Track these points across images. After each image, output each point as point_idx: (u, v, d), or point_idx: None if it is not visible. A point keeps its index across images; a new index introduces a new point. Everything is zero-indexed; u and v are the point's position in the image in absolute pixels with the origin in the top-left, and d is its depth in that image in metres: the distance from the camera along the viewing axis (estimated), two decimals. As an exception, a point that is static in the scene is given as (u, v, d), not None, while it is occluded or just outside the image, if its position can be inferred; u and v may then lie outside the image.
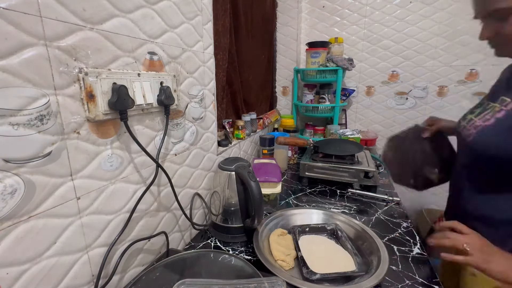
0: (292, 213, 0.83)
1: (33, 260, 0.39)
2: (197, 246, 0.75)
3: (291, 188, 1.12)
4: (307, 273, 0.60)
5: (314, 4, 1.71)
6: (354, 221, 0.77)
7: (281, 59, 1.77)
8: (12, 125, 0.35)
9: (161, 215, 0.67)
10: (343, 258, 0.67)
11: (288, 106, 1.85)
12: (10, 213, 0.36)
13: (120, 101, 0.47)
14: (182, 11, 0.66)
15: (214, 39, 0.82)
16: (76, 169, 0.44)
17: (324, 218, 0.81)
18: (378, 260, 0.61)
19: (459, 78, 1.57)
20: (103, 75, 0.45)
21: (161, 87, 0.59)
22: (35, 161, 0.38)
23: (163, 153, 0.65)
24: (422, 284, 0.60)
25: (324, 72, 1.50)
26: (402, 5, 1.56)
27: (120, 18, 0.49)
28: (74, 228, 0.45)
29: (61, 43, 0.40)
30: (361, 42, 1.69)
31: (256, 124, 1.32)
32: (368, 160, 1.14)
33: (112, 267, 0.52)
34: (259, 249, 0.64)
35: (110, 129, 0.50)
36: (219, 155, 0.94)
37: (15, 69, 0.35)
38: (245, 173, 0.70)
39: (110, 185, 0.51)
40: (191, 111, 0.74)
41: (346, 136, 1.42)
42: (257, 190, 0.68)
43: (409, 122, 1.72)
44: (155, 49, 0.58)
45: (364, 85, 1.75)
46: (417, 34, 1.57)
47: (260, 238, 0.70)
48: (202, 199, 0.85)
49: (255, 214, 0.69)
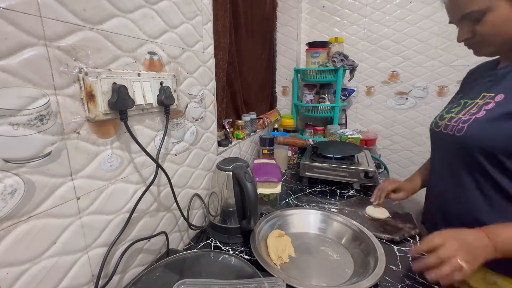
0: (289, 214, 0.83)
1: (33, 260, 0.39)
2: (197, 246, 0.75)
3: (291, 188, 1.12)
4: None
5: (314, 4, 1.71)
6: (352, 222, 0.77)
7: (281, 59, 1.77)
8: (12, 125, 0.35)
9: (161, 215, 0.67)
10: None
11: (288, 106, 1.85)
12: (10, 213, 0.36)
13: (120, 101, 0.47)
14: (182, 11, 0.66)
15: (214, 39, 0.82)
16: (76, 169, 0.44)
17: (321, 218, 0.81)
18: (376, 260, 0.61)
19: (459, 78, 1.57)
20: (103, 75, 0.45)
21: (161, 87, 0.59)
22: (35, 161, 0.38)
23: (163, 153, 0.65)
24: (422, 284, 0.60)
25: (324, 72, 1.50)
26: (402, 5, 1.56)
27: (120, 18, 0.49)
28: (74, 228, 0.45)
29: (61, 43, 0.40)
30: (361, 42, 1.69)
31: (256, 124, 1.32)
32: (368, 160, 1.14)
33: (112, 267, 0.52)
34: (256, 250, 0.64)
35: (110, 129, 0.50)
36: (219, 155, 0.94)
37: (15, 69, 0.35)
38: (241, 173, 0.70)
39: (110, 185, 0.51)
40: (191, 111, 0.74)
41: (346, 136, 1.42)
42: (252, 191, 0.68)
43: (409, 122, 1.72)
44: (155, 49, 0.58)
45: (364, 85, 1.75)
46: (417, 34, 1.57)
47: (258, 239, 0.70)
48: (201, 200, 0.85)
49: (250, 215, 0.69)
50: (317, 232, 0.79)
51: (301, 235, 0.78)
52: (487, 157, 0.58)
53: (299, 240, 0.75)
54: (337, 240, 0.75)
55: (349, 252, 0.70)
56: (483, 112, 0.60)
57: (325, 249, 0.72)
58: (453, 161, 0.67)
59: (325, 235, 0.78)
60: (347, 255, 0.70)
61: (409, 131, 1.73)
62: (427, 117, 1.68)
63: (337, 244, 0.74)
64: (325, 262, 0.67)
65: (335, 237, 0.76)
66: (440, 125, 0.70)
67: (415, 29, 1.57)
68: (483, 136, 0.58)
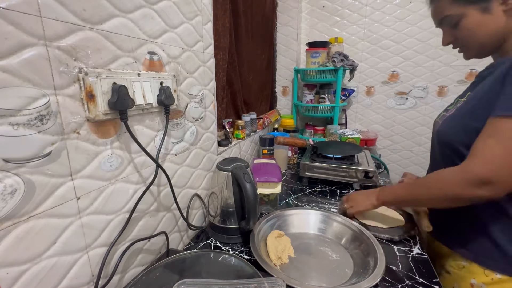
0: (289, 214, 0.83)
1: (33, 260, 0.39)
2: (197, 246, 0.75)
3: (291, 188, 1.12)
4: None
5: (314, 4, 1.71)
6: (352, 222, 0.77)
7: (281, 59, 1.77)
8: (12, 125, 0.35)
9: (161, 215, 0.67)
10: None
11: (288, 106, 1.85)
12: (10, 213, 0.36)
13: (120, 101, 0.47)
14: (182, 11, 0.66)
15: (214, 39, 0.82)
16: (76, 169, 0.44)
17: (321, 219, 0.81)
18: (376, 261, 0.61)
19: (459, 78, 1.57)
20: (103, 75, 0.45)
21: (161, 87, 0.59)
22: (35, 161, 0.38)
23: (163, 153, 0.65)
24: (422, 284, 0.60)
25: (324, 72, 1.50)
26: (402, 5, 1.56)
27: (120, 18, 0.49)
28: (74, 228, 0.45)
29: (61, 43, 0.40)
30: (361, 42, 1.69)
31: (256, 124, 1.32)
32: (368, 160, 1.14)
33: (112, 267, 0.52)
34: (256, 250, 0.64)
35: (110, 129, 0.50)
36: (219, 155, 0.94)
37: (15, 69, 0.35)
38: (241, 174, 0.69)
39: (110, 185, 0.51)
40: (191, 111, 0.74)
41: (346, 136, 1.42)
42: (251, 192, 0.68)
43: (409, 122, 1.72)
44: (155, 49, 0.58)
45: (364, 85, 1.75)
46: (417, 34, 1.57)
47: (257, 239, 0.70)
48: (201, 200, 0.85)
49: (249, 216, 0.69)
50: (317, 232, 0.79)
51: (301, 235, 0.78)
52: (453, 150, 0.64)
53: (299, 240, 0.75)
54: (336, 240, 0.75)
55: (349, 252, 0.70)
56: (453, 110, 0.68)
57: (325, 249, 0.72)
58: (436, 155, 0.73)
59: (325, 236, 0.78)
60: (347, 255, 0.70)
61: (409, 131, 1.73)
62: (427, 117, 1.68)
63: (336, 245, 0.74)
64: (325, 262, 0.67)
65: (335, 238, 0.76)
66: (435, 123, 0.75)
67: (415, 29, 1.57)
68: (446, 132, 0.67)
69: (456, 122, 0.64)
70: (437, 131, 0.70)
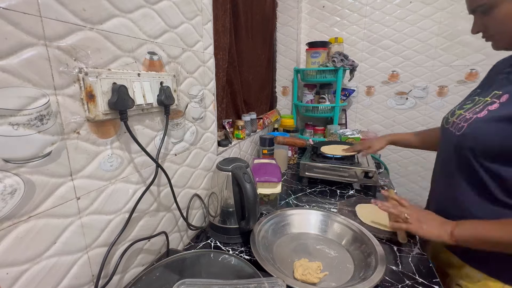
0: (290, 214, 0.83)
1: (33, 260, 0.39)
2: (197, 246, 0.75)
3: (291, 188, 1.12)
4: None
5: (314, 4, 1.71)
6: (352, 222, 0.77)
7: (281, 59, 1.77)
8: (12, 125, 0.35)
9: (161, 215, 0.67)
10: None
11: (288, 106, 1.85)
12: (10, 213, 0.36)
13: (120, 101, 0.47)
14: (182, 11, 0.66)
15: (214, 39, 0.82)
16: (76, 169, 0.44)
17: (321, 219, 0.81)
18: (376, 261, 0.61)
19: (459, 78, 1.57)
20: (103, 75, 0.45)
21: (161, 87, 0.59)
22: (35, 161, 0.38)
23: (163, 153, 0.65)
24: (422, 284, 0.60)
25: (324, 72, 1.50)
26: (402, 5, 1.56)
27: (120, 18, 0.49)
28: (74, 228, 0.45)
29: (61, 43, 0.40)
30: (361, 42, 1.69)
31: (256, 124, 1.32)
32: (368, 160, 1.14)
33: (112, 267, 0.52)
34: (256, 250, 0.64)
35: (110, 129, 0.50)
36: (219, 155, 0.94)
37: (15, 69, 0.35)
38: (241, 174, 0.69)
39: (110, 185, 0.51)
40: (191, 111, 0.74)
41: (346, 136, 1.42)
42: (251, 192, 0.68)
43: (409, 122, 1.72)
44: (155, 49, 0.58)
45: (364, 85, 1.75)
46: (417, 34, 1.57)
47: (257, 239, 0.69)
48: (201, 200, 0.85)
49: (249, 216, 0.69)
50: (317, 232, 0.79)
51: (301, 236, 0.78)
52: (480, 159, 0.58)
53: (299, 241, 0.75)
54: (337, 241, 0.75)
55: (350, 253, 0.70)
56: (485, 112, 0.59)
57: (325, 249, 0.72)
58: (450, 160, 0.66)
59: (325, 236, 0.78)
60: (347, 256, 0.69)
61: (409, 131, 1.73)
62: (427, 117, 1.68)
63: (337, 245, 0.74)
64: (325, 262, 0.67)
65: (335, 238, 0.76)
66: (450, 122, 0.69)
67: (415, 29, 1.57)
68: (478, 137, 0.58)
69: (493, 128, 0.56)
70: (463, 134, 0.61)
